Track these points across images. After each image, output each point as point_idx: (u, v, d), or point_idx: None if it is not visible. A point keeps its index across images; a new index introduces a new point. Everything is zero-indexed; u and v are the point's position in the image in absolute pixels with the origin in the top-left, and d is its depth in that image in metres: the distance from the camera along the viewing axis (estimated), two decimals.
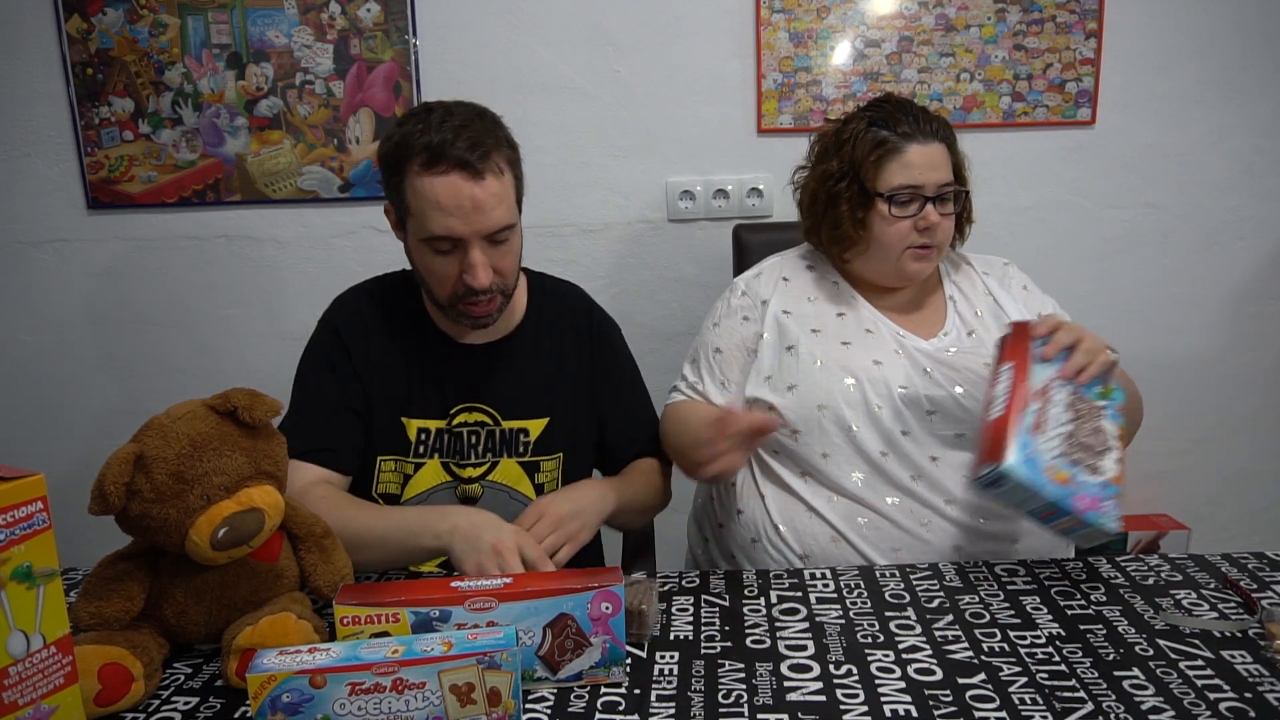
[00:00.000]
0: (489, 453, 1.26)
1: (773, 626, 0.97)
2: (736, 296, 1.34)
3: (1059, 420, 1.03)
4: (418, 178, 1.10)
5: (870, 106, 1.28)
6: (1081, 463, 1.01)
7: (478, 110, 1.16)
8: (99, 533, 0.97)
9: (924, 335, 1.27)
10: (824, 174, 1.29)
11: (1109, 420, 1.06)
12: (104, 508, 0.83)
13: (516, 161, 1.18)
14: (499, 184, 1.12)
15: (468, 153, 1.09)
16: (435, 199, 1.10)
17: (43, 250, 2.00)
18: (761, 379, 1.26)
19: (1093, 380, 1.07)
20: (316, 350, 1.26)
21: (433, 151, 1.09)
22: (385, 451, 1.24)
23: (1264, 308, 2.03)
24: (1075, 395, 1.06)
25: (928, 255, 1.25)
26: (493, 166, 1.11)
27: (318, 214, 1.99)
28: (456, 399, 1.25)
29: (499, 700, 0.76)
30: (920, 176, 1.22)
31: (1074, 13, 1.89)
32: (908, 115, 1.24)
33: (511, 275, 1.19)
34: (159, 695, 0.87)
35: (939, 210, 1.23)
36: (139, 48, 1.90)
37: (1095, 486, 1.00)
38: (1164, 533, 2.03)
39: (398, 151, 1.12)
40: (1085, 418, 1.05)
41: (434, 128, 1.10)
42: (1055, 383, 1.06)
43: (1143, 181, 1.97)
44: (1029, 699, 0.81)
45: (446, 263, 1.14)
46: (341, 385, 1.22)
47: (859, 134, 1.25)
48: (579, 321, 1.34)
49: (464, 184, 1.09)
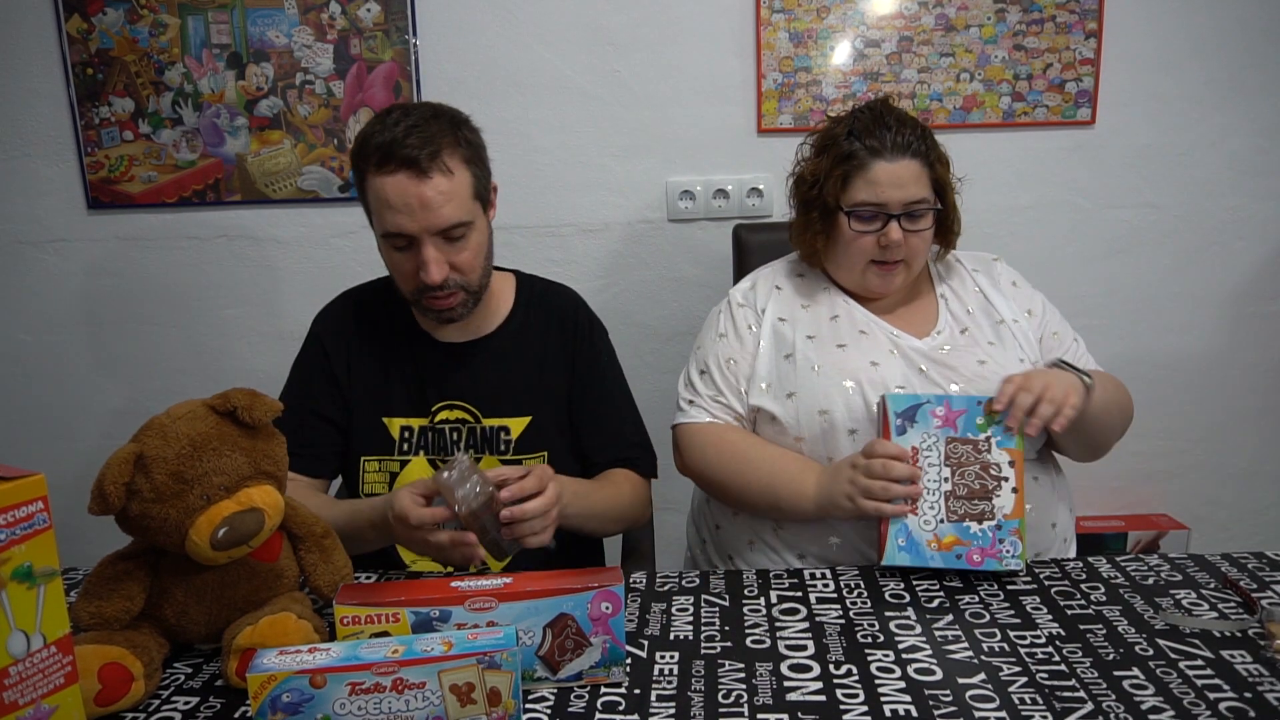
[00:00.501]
0: (470, 448, 1.27)
1: (772, 626, 0.97)
2: (736, 307, 1.34)
3: (935, 481, 1.08)
4: (373, 177, 1.14)
5: (855, 112, 1.27)
6: (968, 516, 1.07)
7: (436, 110, 1.18)
8: (99, 533, 0.97)
9: (917, 334, 1.27)
10: (802, 177, 1.30)
11: (997, 449, 1.09)
12: (104, 508, 0.83)
13: (476, 160, 1.19)
14: (448, 182, 1.14)
15: (416, 151, 1.11)
16: (385, 198, 1.13)
17: (43, 250, 2.00)
18: (761, 388, 1.26)
19: (969, 416, 1.10)
20: (299, 358, 1.32)
21: (383, 151, 1.12)
22: (369, 452, 1.27)
23: (1264, 308, 2.03)
24: (951, 443, 1.09)
25: (892, 271, 1.25)
26: (440, 166, 1.13)
27: (318, 214, 1.99)
28: (437, 396, 1.27)
29: (499, 700, 0.76)
30: (883, 194, 1.21)
31: (1074, 13, 1.89)
32: (882, 128, 1.22)
33: (473, 272, 1.20)
34: (159, 695, 0.87)
35: (906, 226, 1.22)
36: (139, 48, 1.90)
37: (987, 533, 1.06)
38: (1164, 533, 2.03)
39: (358, 152, 1.17)
40: (966, 463, 1.09)
41: (389, 128, 1.13)
42: (927, 441, 1.09)
43: (1143, 182, 1.97)
44: (1029, 699, 0.81)
45: (404, 259, 1.18)
46: (315, 392, 1.27)
47: (837, 140, 1.25)
48: (566, 322, 1.34)
49: (410, 183, 1.12)
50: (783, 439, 1.23)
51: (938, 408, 1.10)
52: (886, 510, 1.07)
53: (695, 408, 1.30)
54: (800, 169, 1.32)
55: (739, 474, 1.23)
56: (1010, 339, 1.27)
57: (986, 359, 1.23)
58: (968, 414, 1.10)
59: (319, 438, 1.27)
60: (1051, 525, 1.23)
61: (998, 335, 1.27)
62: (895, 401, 1.11)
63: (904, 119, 1.24)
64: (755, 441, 1.25)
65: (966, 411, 1.10)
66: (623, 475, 1.32)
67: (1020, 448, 1.09)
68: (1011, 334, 1.27)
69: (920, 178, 1.23)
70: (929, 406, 1.10)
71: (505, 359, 1.29)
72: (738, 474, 1.23)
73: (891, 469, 1.07)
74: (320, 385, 1.28)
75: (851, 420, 1.19)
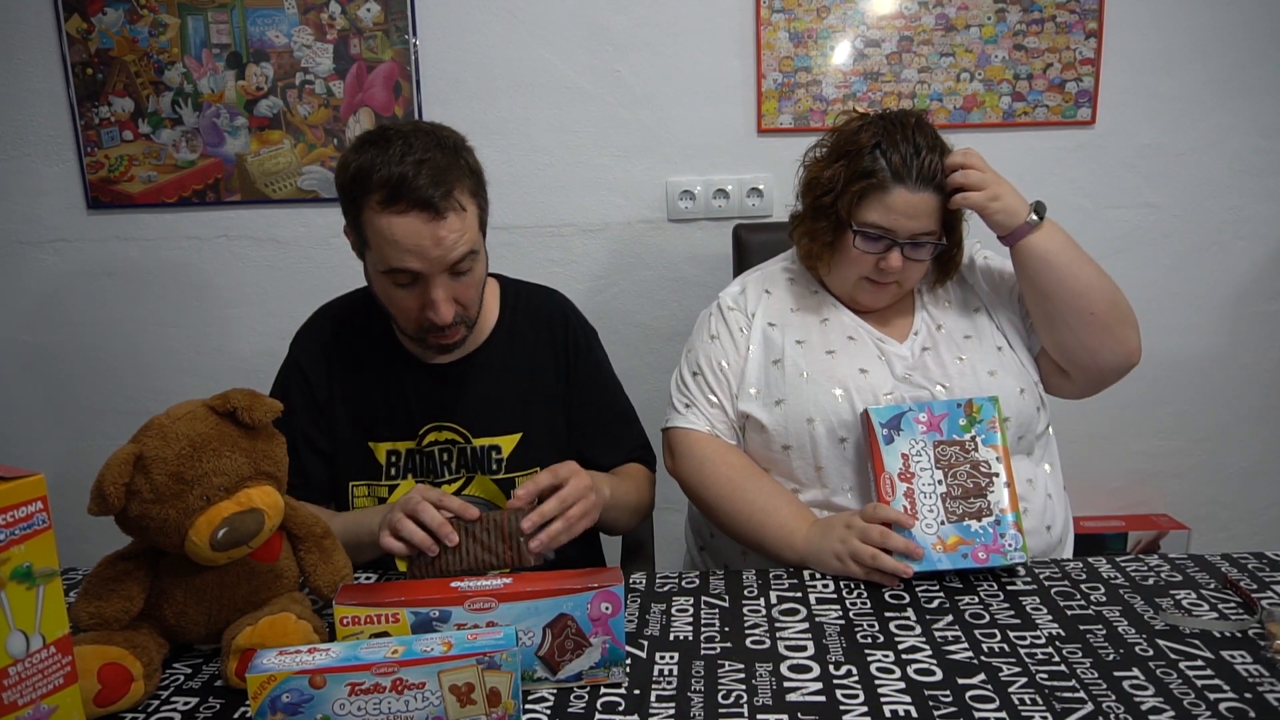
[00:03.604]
0: (462, 469, 1.24)
1: (772, 627, 0.97)
2: (726, 310, 1.32)
3: (930, 485, 1.09)
4: (376, 214, 1.06)
5: (885, 120, 1.21)
6: (967, 515, 1.07)
7: (438, 138, 1.10)
8: (99, 533, 0.97)
9: (899, 339, 1.27)
10: (817, 180, 1.25)
11: (984, 447, 1.10)
12: (103, 508, 0.83)
13: (480, 190, 1.14)
14: (460, 221, 1.08)
15: (429, 189, 1.04)
16: (394, 238, 1.06)
17: (43, 250, 2.00)
18: (750, 393, 1.25)
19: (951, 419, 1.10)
20: (279, 384, 1.26)
21: (392, 188, 1.04)
22: (357, 478, 1.24)
23: (1265, 308, 2.03)
24: (939, 446, 1.10)
25: (883, 290, 1.24)
26: (454, 204, 1.07)
27: (318, 214, 1.99)
28: (424, 419, 1.23)
29: (499, 700, 0.76)
30: (895, 222, 1.18)
31: (1074, 12, 1.89)
32: (912, 150, 1.17)
33: (473, 305, 1.17)
34: (159, 695, 0.87)
35: (909, 254, 1.20)
36: (139, 48, 1.90)
37: (988, 529, 1.06)
38: (1164, 533, 2.03)
39: (355, 183, 1.07)
40: (956, 464, 1.09)
41: (394, 160, 1.05)
42: (915, 447, 1.10)
43: (1143, 181, 1.97)
44: (1029, 699, 0.81)
45: (407, 295, 1.12)
46: (299, 421, 1.21)
47: (861, 150, 1.20)
48: (554, 333, 1.31)
49: (423, 225, 1.05)
50: (770, 447, 1.22)
51: (920, 414, 1.11)
52: (874, 579, 1.05)
53: (691, 411, 1.28)
54: (815, 170, 1.27)
55: (729, 500, 1.21)
56: (986, 324, 1.27)
57: (964, 355, 1.23)
58: (950, 417, 1.11)
59: (307, 467, 1.22)
60: (1046, 528, 1.23)
61: (974, 327, 1.27)
62: (879, 414, 1.12)
63: (934, 145, 1.20)
64: (753, 472, 1.23)
65: (949, 415, 1.11)
66: (637, 469, 1.33)
67: (1004, 443, 1.10)
68: (988, 317, 1.27)
69: (934, 211, 1.20)
70: (912, 414, 1.11)
71: (494, 375, 1.26)
72: (728, 500, 1.21)
73: (889, 539, 1.04)
74: (304, 413, 1.23)
75: (841, 428, 1.19)
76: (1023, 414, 1.21)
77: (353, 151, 1.10)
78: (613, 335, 1.40)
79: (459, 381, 1.24)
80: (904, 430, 1.11)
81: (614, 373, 1.39)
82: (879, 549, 1.04)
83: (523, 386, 1.27)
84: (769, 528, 1.16)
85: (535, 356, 1.29)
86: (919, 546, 1.05)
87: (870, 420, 1.11)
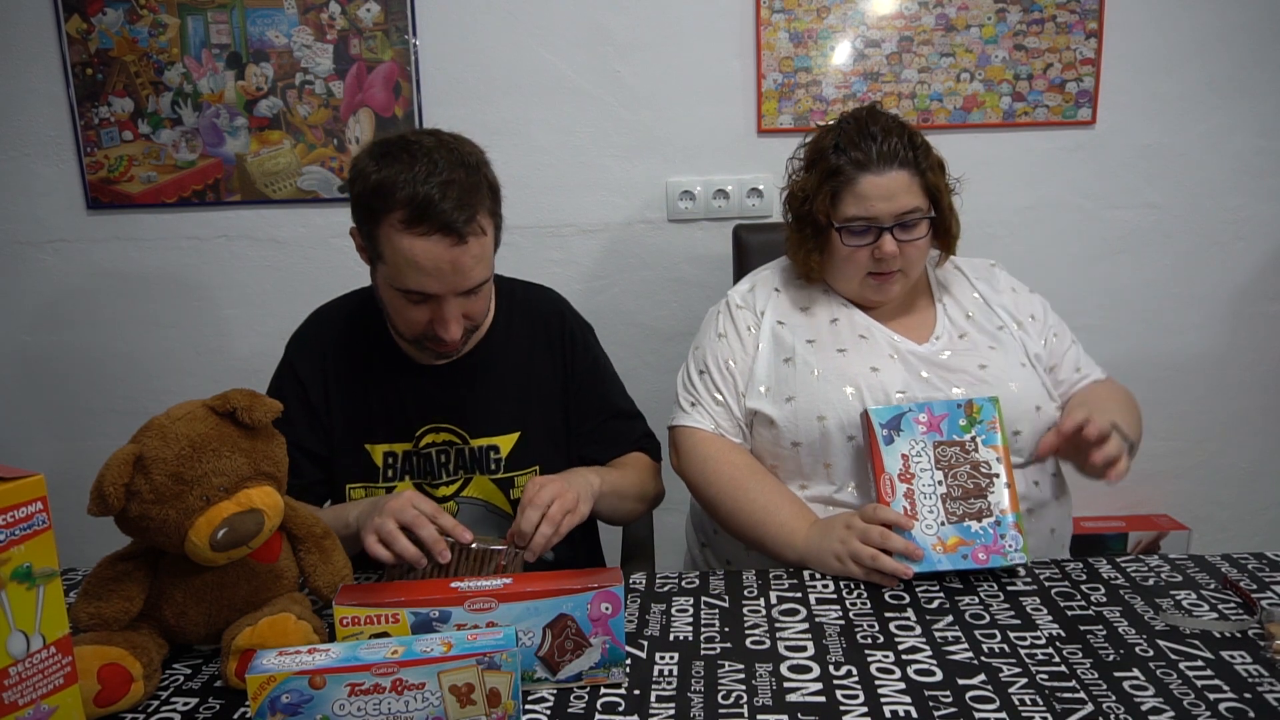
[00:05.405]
0: (460, 470, 1.24)
1: (772, 627, 0.97)
2: (735, 309, 1.32)
3: (930, 486, 1.09)
4: (397, 233, 1.05)
5: (842, 122, 1.25)
6: (967, 516, 1.07)
7: (460, 155, 1.08)
8: (99, 533, 0.97)
9: (917, 340, 1.26)
10: (794, 193, 1.29)
11: (984, 446, 1.10)
12: (103, 509, 0.83)
13: (497, 207, 1.13)
14: (480, 245, 1.08)
15: (454, 213, 1.03)
16: (414, 260, 1.05)
17: (43, 250, 2.00)
18: (759, 391, 1.25)
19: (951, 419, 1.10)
20: (274, 388, 1.26)
21: (416, 209, 1.03)
22: (354, 480, 1.23)
23: (1265, 308, 2.03)
24: (939, 446, 1.10)
25: (889, 281, 1.24)
26: (476, 229, 1.06)
27: (318, 214, 1.99)
28: (421, 420, 1.23)
29: (499, 701, 0.76)
30: (873, 208, 1.19)
31: (1074, 13, 1.89)
32: (867, 139, 1.19)
33: (481, 316, 1.17)
34: (158, 695, 0.87)
35: (900, 236, 1.20)
36: (139, 48, 1.90)
37: (988, 530, 1.06)
38: (1164, 533, 2.03)
39: (376, 197, 1.05)
40: (956, 464, 1.09)
41: (419, 179, 1.03)
42: (915, 447, 1.10)
43: (1144, 182, 1.97)
44: (1029, 700, 0.81)
45: (418, 310, 1.11)
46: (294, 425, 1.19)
47: (824, 154, 1.22)
48: (552, 329, 1.31)
49: (445, 250, 1.04)
50: (779, 443, 1.23)
51: (920, 415, 1.11)
52: (874, 579, 1.06)
53: (697, 409, 1.29)
54: (792, 183, 1.31)
55: (731, 498, 1.21)
56: (1011, 342, 1.26)
57: (987, 363, 1.23)
58: (950, 417, 1.11)
59: (302, 472, 1.20)
60: (1051, 531, 1.23)
61: (998, 340, 1.27)
62: (878, 414, 1.11)
63: (890, 127, 1.21)
64: (756, 471, 1.23)
65: (949, 415, 1.11)
66: (634, 456, 1.33)
67: (1005, 443, 1.10)
68: (1012, 337, 1.27)
69: (910, 187, 1.20)
70: (912, 415, 1.11)
71: (491, 375, 1.25)
72: (730, 498, 1.21)
73: (889, 540, 1.04)
74: (299, 417, 1.21)
75: (851, 426, 1.19)
76: (1037, 430, 1.20)
77: (372, 161, 1.07)
78: (613, 335, 1.40)
79: (456, 382, 1.24)
80: (904, 431, 1.11)
81: (614, 370, 1.39)
82: (879, 550, 1.04)
83: (520, 385, 1.27)
84: (769, 527, 1.17)
85: (532, 355, 1.29)
86: (919, 548, 1.05)
87: (870, 421, 1.11)
